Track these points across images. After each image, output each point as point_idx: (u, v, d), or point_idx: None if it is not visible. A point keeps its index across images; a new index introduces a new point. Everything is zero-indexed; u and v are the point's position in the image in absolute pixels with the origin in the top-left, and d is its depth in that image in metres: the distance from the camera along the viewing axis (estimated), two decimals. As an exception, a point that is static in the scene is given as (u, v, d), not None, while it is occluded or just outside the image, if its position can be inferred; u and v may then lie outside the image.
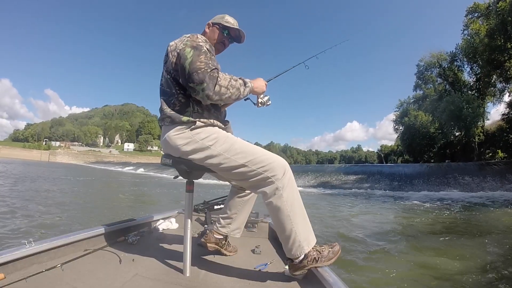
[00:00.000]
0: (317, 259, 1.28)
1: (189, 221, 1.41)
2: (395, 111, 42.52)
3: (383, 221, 7.33)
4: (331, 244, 1.37)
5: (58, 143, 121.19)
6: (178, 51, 1.35)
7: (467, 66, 33.38)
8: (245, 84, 1.38)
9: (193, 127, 1.34)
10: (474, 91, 32.11)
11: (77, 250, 1.61)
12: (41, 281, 1.23)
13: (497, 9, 23.86)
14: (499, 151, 29.60)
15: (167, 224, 2.28)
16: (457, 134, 32.68)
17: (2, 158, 61.63)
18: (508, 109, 29.47)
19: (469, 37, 29.56)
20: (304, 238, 1.28)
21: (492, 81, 29.23)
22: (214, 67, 1.27)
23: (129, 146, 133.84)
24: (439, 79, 36.05)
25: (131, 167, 50.54)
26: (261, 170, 1.30)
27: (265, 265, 1.53)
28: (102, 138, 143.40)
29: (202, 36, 1.45)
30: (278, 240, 1.40)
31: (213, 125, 1.38)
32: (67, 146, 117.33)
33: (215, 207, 2.46)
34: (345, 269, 3.42)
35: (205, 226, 2.27)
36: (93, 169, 43.74)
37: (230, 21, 1.58)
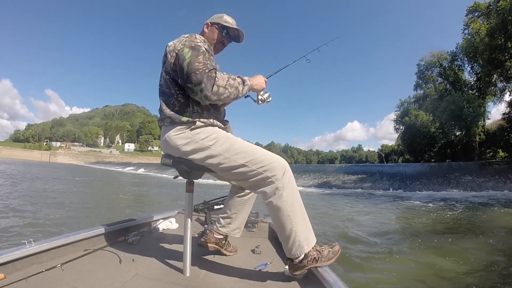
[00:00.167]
0: (317, 259, 1.27)
1: (189, 221, 1.41)
2: (395, 111, 42.56)
3: (384, 221, 7.31)
4: (331, 244, 1.36)
5: (58, 144, 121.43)
6: (176, 51, 1.34)
7: (467, 65, 33.38)
8: (243, 82, 1.37)
9: (193, 127, 1.34)
10: (474, 91, 32.05)
11: (77, 250, 1.61)
12: (41, 281, 1.23)
13: (498, 8, 23.83)
14: (500, 150, 29.55)
15: (167, 224, 2.28)
16: (457, 133, 32.63)
17: (2, 159, 61.80)
18: (508, 108, 29.42)
19: (469, 36, 29.49)
20: (304, 238, 1.28)
21: (493, 80, 29.18)
22: (212, 68, 1.26)
23: (129, 147, 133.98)
24: (439, 78, 36.00)
25: (132, 168, 50.57)
26: (261, 170, 1.29)
27: (265, 265, 1.53)
28: (103, 138, 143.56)
29: (200, 36, 1.44)
30: (278, 240, 1.40)
31: (212, 125, 1.38)
32: (68, 146, 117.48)
33: (215, 207, 2.46)
34: (345, 269, 3.41)
35: (205, 226, 2.27)
36: (94, 169, 43.78)
37: (229, 20, 1.58)
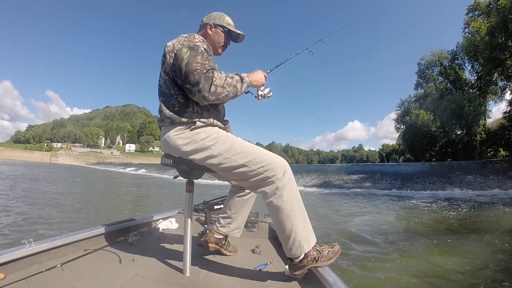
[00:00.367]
0: (317, 259, 1.27)
1: (189, 221, 1.41)
2: (396, 110, 42.59)
3: (385, 220, 7.30)
4: (331, 244, 1.36)
5: (59, 145, 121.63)
6: (175, 51, 1.34)
7: (468, 64, 33.40)
8: (241, 79, 1.35)
9: (193, 127, 1.33)
10: (475, 90, 32.04)
11: (77, 250, 1.61)
12: (41, 281, 1.24)
13: (498, 7, 23.83)
14: (501, 149, 29.54)
15: (167, 224, 2.28)
16: (458, 132, 32.63)
17: (3, 160, 61.93)
18: (509, 107, 29.33)
19: (470, 35, 29.48)
20: (304, 237, 1.28)
21: (494, 79, 29.14)
22: (210, 68, 1.26)
23: (130, 147, 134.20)
24: (440, 77, 35.99)
25: (133, 168, 50.57)
26: (261, 170, 1.29)
27: (265, 265, 1.53)
28: (104, 139, 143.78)
29: (199, 35, 1.44)
30: (278, 240, 1.39)
31: (213, 125, 1.38)
32: (69, 147, 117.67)
33: (215, 207, 2.46)
34: (346, 269, 3.40)
35: (205, 226, 2.27)
36: (95, 170, 43.80)
37: (230, 22, 1.58)
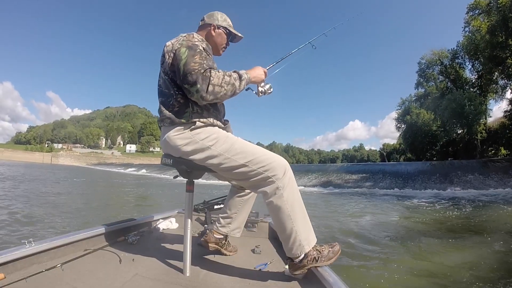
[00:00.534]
0: (317, 258, 1.27)
1: (189, 221, 1.41)
2: (397, 110, 42.43)
3: (385, 220, 7.30)
4: (331, 244, 1.36)
5: (60, 145, 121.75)
6: (174, 51, 1.34)
7: (468, 63, 33.33)
8: (240, 77, 1.33)
9: (193, 127, 1.33)
10: (476, 88, 31.97)
11: (77, 250, 1.61)
12: (41, 281, 1.24)
13: (498, 6, 23.78)
14: (501, 148, 29.46)
15: (167, 224, 2.28)
16: (459, 131, 32.58)
17: (4, 161, 62.06)
18: (510, 106, 29.25)
19: (470, 34, 29.41)
20: (304, 237, 1.28)
21: (494, 78, 29.11)
22: (208, 67, 1.25)
23: (131, 148, 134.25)
24: (440, 76, 35.93)
25: (133, 169, 50.63)
26: (261, 170, 1.29)
27: (265, 264, 1.53)
28: (104, 139, 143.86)
29: (198, 35, 1.44)
30: (278, 240, 1.39)
31: (213, 124, 1.37)
32: (69, 148, 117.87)
33: (215, 206, 2.45)
34: (346, 269, 3.40)
35: (205, 226, 2.27)
36: (95, 171, 43.89)
37: (230, 22, 1.58)
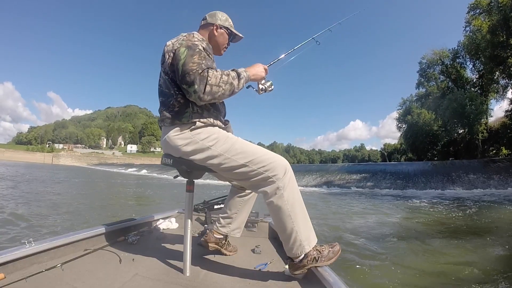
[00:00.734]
0: (317, 258, 1.27)
1: (189, 221, 1.41)
2: (398, 109, 42.35)
3: (386, 220, 7.29)
4: (331, 244, 1.36)
5: (61, 146, 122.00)
6: (173, 51, 1.33)
7: (469, 63, 33.22)
8: (238, 75, 1.31)
9: (193, 127, 1.33)
10: (477, 88, 31.91)
11: (77, 250, 1.61)
12: (41, 281, 1.24)
13: (499, 5, 23.73)
14: (503, 148, 29.36)
15: (167, 224, 2.29)
16: (460, 131, 32.46)
17: (5, 161, 62.15)
18: (511, 105, 29.20)
19: (471, 33, 29.30)
20: (305, 237, 1.27)
21: (495, 77, 29.02)
22: (206, 67, 1.24)
23: (132, 148, 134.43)
24: (441, 76, 35.86)
25: (134, 169, 50.68)
26: (262, 170, 1.29)
27: (265, 264, 1.53)
28: (105, 140, 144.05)
29: (199, 34, 1.44)
30: (278, 240, 1.39)
31: (213, 125, 1.37)
32: (70, 148, 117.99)
33: (215, 206, 2.46)
34: (346, 269, 3.39)
35: (205, 225, 2.28)
36: (96, 171, 43.92)
37: (232, 23, 1.58)
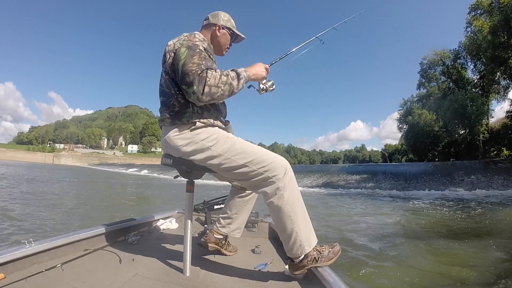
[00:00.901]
0: (317, 259, 1.27)
1: (189, 221, 1.41)
2: (399, 110, 42.26)
3: (387, 221, 7.27)
4: (331, 244, 1.36)
5: (62, 146, 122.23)
6: (174, 51, 1.33)
7: (470, 63, 33.14)
8: (238, 76, 1.30)
9: (193, 127, 1.33)
10: (478, 89, 31.84)
11: (77, 250, 1.61)
12: (41, 281, 1.24)
13: (500, 6, 23.69)
14: (504, 149, 29.24)
15: (167, 224, 2.29)
16: (461, 132, 32.37)
17: (6, 161, 62.30)
18: (512, 106, 29.14)
19: (472, 34, 29.23)
20: (305, 238, 1.27)
21: (496, 78, 28.90)
22: (205, 68, 1.23)
23: (133, 148, 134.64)
24: (442, 77, 35.81)
25: (135, 169, 50.71)
26: (262, 170, 1.28)
27: (265, 264, 1.52)
28: (106, 140, 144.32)
29: (200, 34, 1.43)
30: (278, 240, 1.39)
31: (213, 125, 1.37)
32: (71, 148, 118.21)
33: (215, 207, 2.46)
34: (346, 269, 3.39)
35: (205, 226, 2.28)
36: (97, 171, 43.96)
37: (234, 24, 1.58)
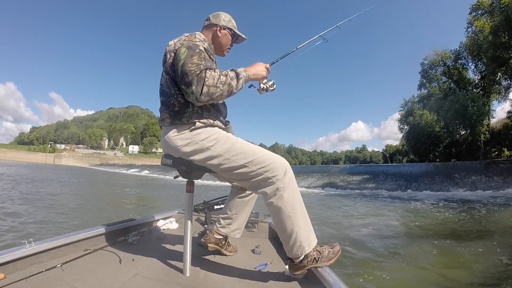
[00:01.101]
0: (317, 259, 1.27)
1: (189, 221, 1.41)
2: (400, 110, 42.08)
3: (387, 221, 7.26)
4: (331, 244, 1.35)
5: (63, 146, 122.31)
6: (174, 51, 1.33)
7: (471, 64, 33.02)
8: (237, 75, 1.29)
9: (192, 128, 1.33)
10: (479, 89, 31.75)
11: (77, 250, 1.61)
12: (41, 281, 1.24)
13: (501, 6, 23.65)
14: (505, 149, 29.14)
15: (167, 224, 2.29)
16: (462, 132, 32.29)
17: (7, 161, 62.44)
18: (513, 106, 29.06)
19: (473, 34, 29.18)
20: (305, 238, 1.27)
21: (497, 78, 28.84)
22: (204, 68, 1.23)
23: (133, 149, 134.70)
24: (443, 77, 35.72)
25: (136, 169, 50.71)
26: (261, 170, 1.28)
27: (265, 265, 1.53)
28: (107, 140, 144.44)
29: (201, 34, 1.43)
30: (278, 240, 1.39)
31: (213, 125, 1.37)
32: (72, 149, 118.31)
33: (215, 207, 2.46)
34: (346, 270, 3.38)
35: (205, 226, 2.28)
36: (98, 171, 44.02)
37: (235, 24, 1.58)
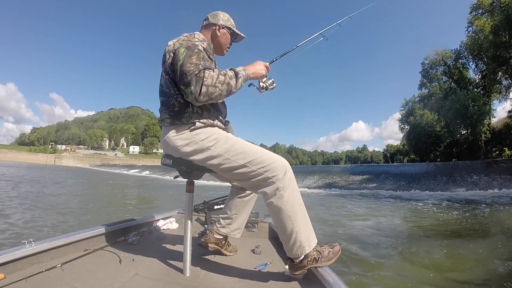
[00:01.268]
0: (317, 259, 1.27)
1: (189, 221, 1.41)
2: (400, 110, 42.04)
3: (388, 221, 7.25)
4: (331, 244, 1.35)
5: (64, 147, 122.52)
6: (173, 51, 1.34)
7: (472, 63, 33.05)
8: (236, 75, 1.29)
9: (192, 128, 1.33)
10: (479, 89, 31.74)
11: (77, 250, 1.61)
12: (41, 281, 1.24)
13: (501, 5, 23.65)
14: (506, 148, 29.09)
15: (167, 224, 2.29)
16: (463, 132, 32.27)
17: (8, 162, 62.57)
18: (514, 106, 29.04)
19: (473, 34, 29.18)
20: (305, 238, 1.27)
21: (498, 78, 28.87)
22: (203, 68, 1.23)
23: (134, 149, 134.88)
24: (444, 77, 35.74)
25: (137, 170, 50.73)
26: (261, 170, 1.28)
27: (265, 265, 1.52)
28: (108, 141, 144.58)
29: (200, 34, 1.43)
30: (278, 240, 1.39)
31: (213, 125, 1.37)
32: (73, 149, 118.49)
33: (215, 207, 2.46)
34: (346, 270, 3.38)
35: (205, 226, 2.28)
36: (99, 172, 44.07)
37: (234, 23, 1.58)
